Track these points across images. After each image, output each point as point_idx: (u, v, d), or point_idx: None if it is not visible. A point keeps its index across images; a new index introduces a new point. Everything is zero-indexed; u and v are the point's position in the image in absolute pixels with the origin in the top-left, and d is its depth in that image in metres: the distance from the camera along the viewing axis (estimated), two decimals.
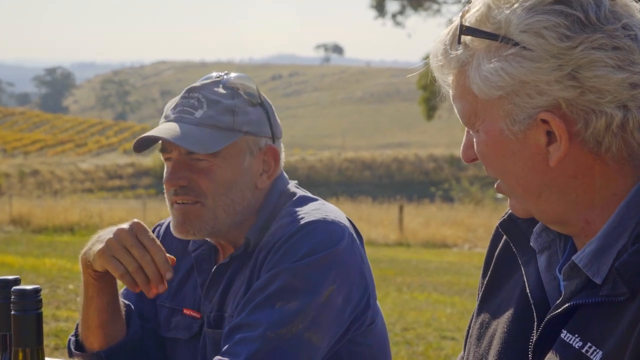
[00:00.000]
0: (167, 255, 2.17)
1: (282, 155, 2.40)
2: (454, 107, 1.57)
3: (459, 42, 1.50)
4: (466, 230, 26.05)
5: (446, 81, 1.57)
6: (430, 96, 34.06)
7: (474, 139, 1.55)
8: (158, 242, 2.17)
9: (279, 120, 2.42)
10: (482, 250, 23.17)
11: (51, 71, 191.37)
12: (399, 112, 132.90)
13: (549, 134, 1.46)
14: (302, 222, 2.22)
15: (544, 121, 1.44)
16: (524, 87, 1.43)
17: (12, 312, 1.44)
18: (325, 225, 2.21)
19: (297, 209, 2.29)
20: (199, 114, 2.25)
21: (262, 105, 2.35)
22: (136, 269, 2.13)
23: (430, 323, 10.11)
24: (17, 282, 1.63)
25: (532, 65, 1.41)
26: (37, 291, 1.45)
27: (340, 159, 67.08)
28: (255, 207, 2.34)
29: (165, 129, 2.24)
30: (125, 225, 2.17)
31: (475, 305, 1.79)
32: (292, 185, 2.44)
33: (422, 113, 36.31)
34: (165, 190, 2.33)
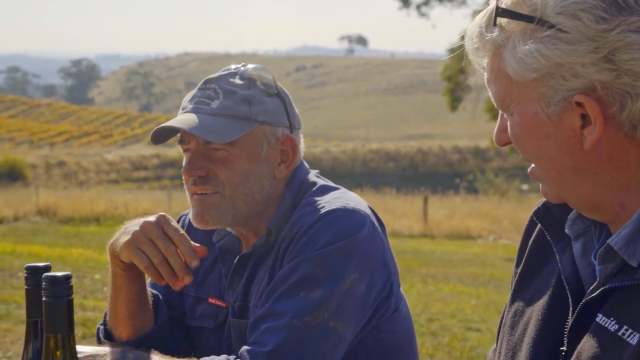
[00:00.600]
0: (197, 245, 2.16)
1: (302, 146, 2.40)
2: (489, 90, 1.57)
3: (495, 24, 1.49)
4: (491, 222, 25.95)
5: (481, 64, 1.56)
6: (454, 87, 33.87)
7: (508, 122, 1.55)
8: (183, 232, 2.16)
9: (297, 111, 2.42)
10: (507, 241, 23.27)
11: (77, 63, 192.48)
12: (423, 104, 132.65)
13: (584, 117, 1.45)
14: (322, 211, 2.21)
15: (579, 104, 1.43)
16: (559, 70, 1.42)
17: (44, 299, 1.43)
18: (345, 214, 2.20)
19: (318, 198, 2.29)
20: (215, 104, 2.26)
21: (279, 95, 2.35)
22: (161, 261, 2.13)
23: (455, 314, 10.08)
24: (47, 269, 1.63)
25: (568, 48, 1.40)
26: (67, 278, 1.45)
27: (364, 151, 67.06)
28: (275, 196, 2.34)
29: (182, 119, 2.24)
30: (152, 218, 2.17)
31: (500, 296, 1.78)
32: (313, 175, 2.43)
33: (447, 104, 36.15)
34: (184, 182, 2.33)
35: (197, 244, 2.17)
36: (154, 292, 2.43)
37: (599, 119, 1.42)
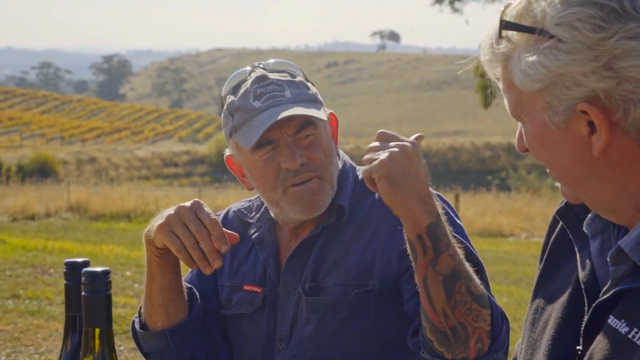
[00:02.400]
0: (229, 231, 2.19)
1: None
2: (504, 99, 1.60)
3: (501, 36, 1.52)
4: (523, 220, 25.85)
5: (495, 74, 1.59)
6: (488, 83, 33.62)
7: (523, 130, 1.59)
8: (215, 217, 2.19)
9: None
10: (540, 239, 23.02)
11: (108, 59, 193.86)
12: (455, 100, 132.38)
13: (591, 124, 1.45)
14: None
15: (584, 112, 1.44)
16: (561, 79, 1.43)
17: (83, 293, 1.46)
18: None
19: None
20: (288, 93, 2.33)
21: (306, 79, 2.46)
22: (192, 244, 2.15)
23: None
24: (86, 264, 1.66)
25: (568, 58, 1.41)
26: (106, 273, 1.49)
27: None
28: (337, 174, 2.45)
29: (277, 112, 2.28)
30: (187, 203, 2.22)
31: (530, 294, 1.79)
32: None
33: (480, 101, 36.00)
34: (270, 181, 2.36)
35: (230, 232, 2.21)
36: (189, 286, 2.48)
37: (604, 126, 1.44)
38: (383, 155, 1.96)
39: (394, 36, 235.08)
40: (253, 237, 2.53)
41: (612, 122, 1.44)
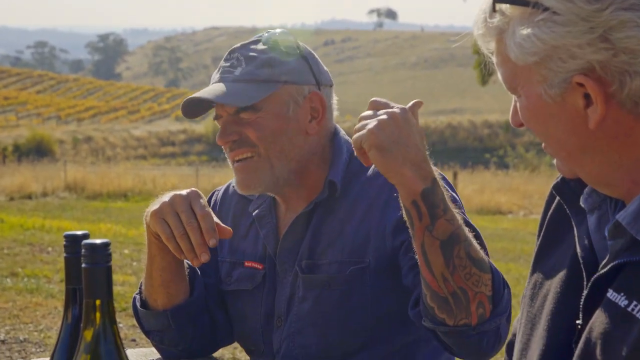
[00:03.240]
0: (222, 225, 2.20)
1: (334, 101, 2.49)
2: (498, 73, 1.59)
3: (494, 10, 1.51)
4: (521, 197, 25.93)
5: (489, 49, 1.58)
6: (485, 60, 33.58)
7: (518, 105, 1.57)
8: (209, 210, 2.19)
9: (326, 69, 2.48)
10: (538, 217, 23.00)
11: (104, 37, 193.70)
12: (453, 78, 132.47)
13: (587, 97, 1.44)
14: None
15: (580, 84, 1.43)
16: (557, 52, 1.42)
17: (83, 265, 1.46)
18: None
19: None
20: (237, 71, 2.34)
21: (302, 55, 2.40)
22: (181, 234, 2.16)
23: None
24: (86, 236, 1.66)
25: (563, 30, 1.40)
26: (106, 245, 1.48)
27: None
28: (312, 153, 2.40)
29: (208, 90, 2.33)
30: (183, 192, 2.22)
31: (528, 271, 1.81)
32: None
33: (477, 78, 35.98)
34: (225, 153, 2.40)
35: (224, 225, 2.21)
36: (191, 264, 2.47)
37: (600, 98, 1.43)
38: (371, 123, 1.94)
39: (391, 14, 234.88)
40: (253, 214, 2.52)
41: (608, 94, 1.43)
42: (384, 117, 1.94)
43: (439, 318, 2.06)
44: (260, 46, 2.37)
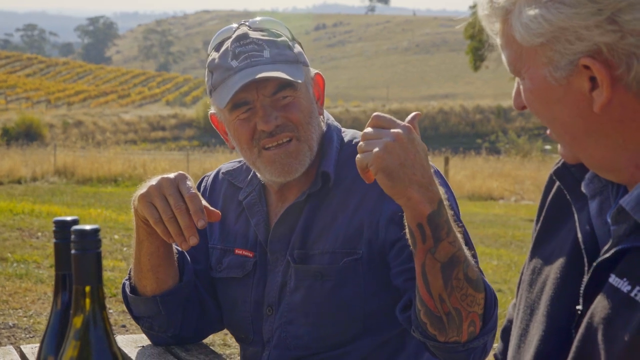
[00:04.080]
0: (210, 208, 2.17)
1: None
2: (502, 55, 1.58)
3: None
4: (513, 183, 26.03)
5: (493, 30, 1.57)
6: (478, 46, 33.69)
7: (521, 87, 1.56)
8: (197, 192, 2.16)
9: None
10: (529, 202, 23.30)
11: (94, 21, 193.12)
12: (445, 63, 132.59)
13: (592, 80, 1.44)
14: None
15: (586, 67, 1.43)
16: (564, 33, 1.42)
17: (72, 251, 1.44)
18: None
19: None
20: (267, 53, 2.28)
21: (297, 40, 2.42)
22: (169, 218, 2.14)
23: None
24: (75, 222, 1.64)
25: (571, 11, 1.40)
26: (96, 231, 1.46)
27: (385, 111, 66.85)
28: (319, 137, 2.39)
29: (253, 72, 2.25)
30: (171, 175, 2.19)
31: (522, 257, 1.74)
32: (352, 130, 2.52)
33: (469, 63, 35.94)
34: (245, 141, 2.32)
35: (212, 208, 2.18)
36: (180, 249, 2.45)
37: (606, 81, 1.42)
38: (377, 147, 1.91)
39: None
40: (244, 202, 2.50)
41: (615, 77, 1.41)
42: (389, 139, 1.90)
43: (431, 334, 2.07)
44: (260, 33, 2.33)
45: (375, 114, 1.98)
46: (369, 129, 1.96)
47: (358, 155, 1.93)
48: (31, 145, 35.69)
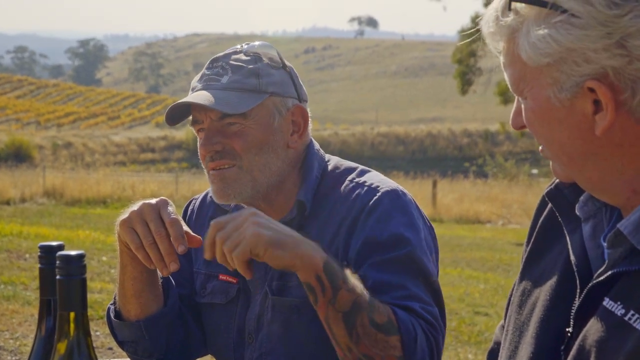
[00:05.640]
0: (191, 234, 2.16)
1: (310, 120, 2.45)
2: (505, 74, 1.57)
3: (510, 8, 1.49)
4: (500, 206, 25.99)
5: (497, 48, 1.56)
6: (465, 70, 33.76)
7: (522, 106, 1.55)
8: (177, 217, 2.16)
9: (303, 85, 2.47)
10: (516, 226, 23.29)
11: (84, 43, 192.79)
12: (433, 87, 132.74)
13: (596, 103, 1.43)
14: (380, 189, 2.32)
15: (591, 89, 1.42)
16: (571, 55, 1.41)
17: (57, 277, 1.45)
18: (401, 192, 2.33)
19: (364, 178, 2.39)
20: (224, 79, 2.31)
21: (285, 68, 2.39)
22: (150, 243, 2.13)
23: (463, 298, 10.06)
24: (61, 248, 1.65)
25: (580, 33, 1.39)
26: (81, 257, 1.48)
27: (374, 134, 67.13)
28: (290, 167, 2.39)
29: (194, 96, 2.29)
30: (152, 200, 2.19)
31: (508, 280, 1.77)
32: (336, 158, 2.52)
33: (457, 87, 36.02)
34: (201, 160, 2.37)
35: (193, 234, 2.17)
36: None
37: (611, 105, 1.41)
38: (246, 231, 1.93)
39: (372, 22, 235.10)
40: None
41: (619, 101, 1.42)
42: (248, 220, 1.94)
43: None
44: (243, 56, 2.35)
45: (212, 222, 1.99)
46: (219, 233, 1.95)
47: (235, 251, 1.92)
48: (20, 167, 35.51)
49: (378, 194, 2.29)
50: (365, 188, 2.32)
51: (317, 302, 1.99)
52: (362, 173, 2.41)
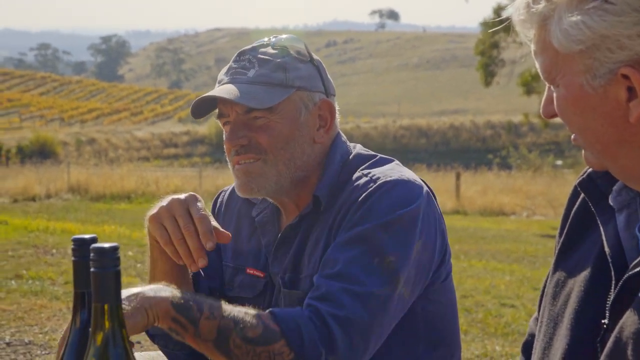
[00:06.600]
0: (220, 230, 2.16)
1: (337, 113, 2.43)
2: (535, 62, 1.56)
3: None
4: (524, 198, 25.89)
5: (528, 36, 1.55)
6: (488, 62, 33.58)
7: (554, 95, 1.54)
8: (206, 213, 2.16)
9: (331, 79, 2.44)
10: (541, 217, 23.19)
11: (107, 39, 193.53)
12: (455, 79, 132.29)
13: (630, 90, 1.43)
14: (378, 181, 2.24)
15: (625, 76, 1.42)
16: (605, 41, 1.41)
17: (92, 269, 1.45)
18: (403, 183, 2.23)
19: (372, 170, 2.31)
20: (251, 73, 2.29)
21: (312, 62, 2.38)
22: (179, 239, 2.14)
23: (489, 290, 10.00)
24: (94, 240, 1.63)
25: (614, 19, 1.39)
26: (115, 249, 1.47)
27: (396, 127, 67.02)
28: (316, 163, 2.37)
29: (221, 90, 2.28)
30: (181, 196, 2.19)
31: (534, 272, 1.75)
32: (360, 148, 2.46)
33: (480, 79, 35.77)
34: (226, 153, 2.36)
35: (223, 230, 2.17)
36: None
37: None
38: None
39: (393, 15, 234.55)
40: (256, 219, 2.49)
41: None
42: None
43: None
44: (270, 50, 2.33)
45: None
46: None
47: None
48: (45, 163, 35.75)
49: (373, 186, 2.23)
50: (366, 179, 2.27)
51: (185, 339, 1.98)
52: (374, 164, 2.36)
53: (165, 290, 1.96)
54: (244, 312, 2.03)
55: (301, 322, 2.04)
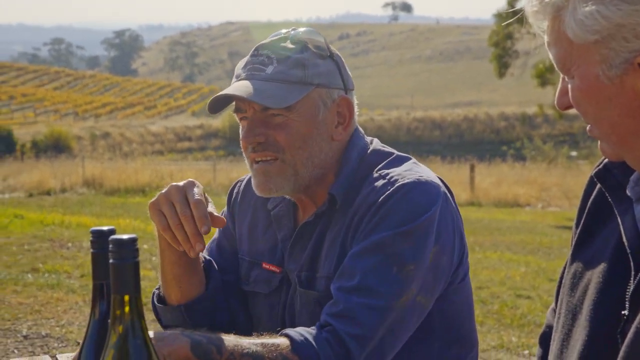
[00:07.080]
0: (215, 215, 2.14)
1: (356, 108, 2.38)
2: (549, 53, 1.54)
3: None
4: (539, 189, 25.83)
5: (541, 27, 1.54)
6: (502, 53, 33.46)
7: (569, 86, 1.52)
8: (202, 198, 2.14)
9: (350, 73, 2.40)
10: (556, 209, 23.15)
11: (120, 34, 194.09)
12: (469, 71, 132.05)
13: None
14: (396, 184, 2.20)
15: None
16: (621, 31, 1.39)
17: (111, 261, 1.44)
18: (420, 186, 2.19)
19: (389, 170, 2.27)
20: (269, 70, 2.24)
21: (332, 57, 2.32)
22: (177, 224, 2.12)
23: (504, 282, 10.01)
24: (112, 232, 1.64)
25: (630, 8, 1.37)
26: (133, 240, 1.46)
27: (409, 119, 66.96)
28: (334, 161, 2.33)
29: (238, 87, 2.24)
30: (180, 183, 2.18)
31: (550, 263, 1.73)
32: (378, 143, 2.42)
33: (494, 71, 35.64)
34: (242, 149, 2.33)
35: (217, 214, 2.15)
36: (207, 257, 2.44)
37: None
38: None
39: (406, 7, 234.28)
40: (272, 212, 2.47)
41: None
42: None
43: None
44: (289, 44, 2.28)
45: None
46: None
47: None
48: (59, 157, 35.86)
49: (390, 189, 2.19)
50: (383, 182, 2.22)
51: None
52: (391, 163, 2.31)
53: (181, 336, 1.96)
54: (261, 345, 2.02)
55: (320, 351, 2.04)
